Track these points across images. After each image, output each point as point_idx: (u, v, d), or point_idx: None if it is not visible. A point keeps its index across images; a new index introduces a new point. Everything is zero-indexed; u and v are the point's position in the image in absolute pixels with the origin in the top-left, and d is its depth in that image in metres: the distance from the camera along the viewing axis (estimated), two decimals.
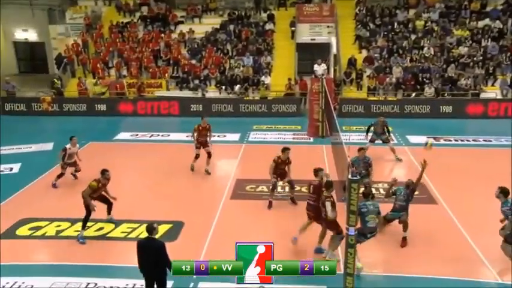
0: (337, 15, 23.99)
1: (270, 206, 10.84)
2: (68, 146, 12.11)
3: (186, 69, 22.12)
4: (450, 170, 12.99)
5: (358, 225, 7.45)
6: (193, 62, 22.65)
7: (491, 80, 20.70)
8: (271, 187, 10.99)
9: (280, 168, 10.90)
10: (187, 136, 16.03)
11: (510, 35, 22.27)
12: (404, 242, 9.00)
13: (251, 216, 10.46)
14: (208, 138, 13.05)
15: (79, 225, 9.63)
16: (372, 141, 13.90)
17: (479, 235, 9.14)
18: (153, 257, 6.65)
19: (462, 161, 13.97)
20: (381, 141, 13.96)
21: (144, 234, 7.11)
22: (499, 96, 19.93)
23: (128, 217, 10.16)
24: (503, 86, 20.16)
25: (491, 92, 20.17)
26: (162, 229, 9.29)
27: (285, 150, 10.91)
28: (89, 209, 9.42)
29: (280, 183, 11.87)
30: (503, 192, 8.09)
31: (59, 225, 9.95)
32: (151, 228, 6.75)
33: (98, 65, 22.52)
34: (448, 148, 15.37)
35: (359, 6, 24.96)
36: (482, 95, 20.01)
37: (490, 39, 22.22)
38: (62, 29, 25.49)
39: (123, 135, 17.45)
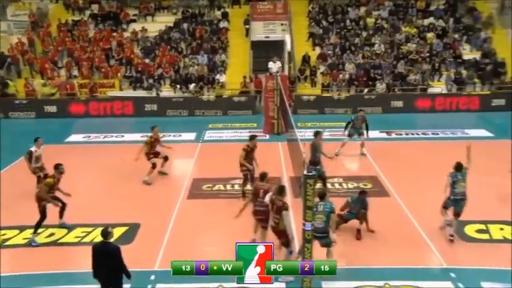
0: (291, 12, 24.25)
1: (243, 196, 10.87)
2: (33, 148, 11.46)
3: (139, 69, 21.72)
4: (401, 163, 13.46)
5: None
6: (147, 61, 22.28)
7: (437, 76, 21.56)
8: (243, 179, 11.05)
9: (250, 156, 11.00)
10: (142, 136, 15.75)
11: (452, 33, 23.29)
12: (359, 234, 9.23)
13: (208, 216, 10.41)
14: (160, 148, 12.56)
15: (28, 232, 9.29)
16: (350, 135, 14.07)
17: (429, 225, 9.49)
18: (108, 262, 6.50)
19: (412, 153, 14.48)
20: (357, 135, 14.12)
21: (99, 238, 6.94)
22: (445, 91, 20.79)
23: (81, 221, 9.86)
24: (448, 81, 21.05)
25: (438, 87, 21.02)
26: (117, 232, 9.09)
27: (253, 137, 11.06)
28: (43, 213, 9.18)
29: (237, 180, 11.93)
30: (456, 167, 9.02)
31: (4, 234, 9.52)
32: (106, 233, 6.60)
33: (47, 65, 21.74)
34: (399, 142, 15.90)
35: (312, 4, 25.33)
36: (430, 90, 20.82)
37: (435, 37, 23.10)
38: (4, 26, 24.38)
39: (75, 137, 16.94)
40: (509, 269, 7.96)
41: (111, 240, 6.72)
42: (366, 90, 20.85)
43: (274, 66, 20.03)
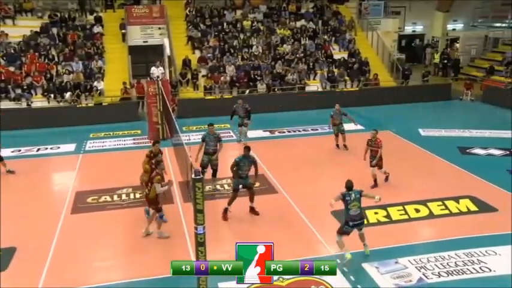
0: (168, 16, 23.98)
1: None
2: None
3: (2, 78, 19.78)
4: (286, 159, 14.06)
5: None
6: (12, 69, 20.39)
7: (313, 75, 22.96)
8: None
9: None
10: (12, 151, 14.53)
11: (322, 35, 25.01)
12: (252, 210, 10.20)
13: (96, 230, 9.88)
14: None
15: None
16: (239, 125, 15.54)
17: (314, 217, 10.07)
18: None
19: (296, 149, 15.23)
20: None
21: None
22: (320, 89, 22.22)
23: None
24: (322, 79, 22.57)
25: (314, 85, 22.40)
26: None
27: (156, 143, 10.99)
28: None
29: (125, 190, 11.54)
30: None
31: None
32: None
33: None
34: (282, 139, 16.59)
35: (188, 8, 25.31)
36: (307, 89, 22.11)
37: (307, 38, 24.62)
38: None
39: None
40: (382, 247, 8.84)
41: None
42: (247, 91, 21.42)
43: (156, 71, 19.68)
